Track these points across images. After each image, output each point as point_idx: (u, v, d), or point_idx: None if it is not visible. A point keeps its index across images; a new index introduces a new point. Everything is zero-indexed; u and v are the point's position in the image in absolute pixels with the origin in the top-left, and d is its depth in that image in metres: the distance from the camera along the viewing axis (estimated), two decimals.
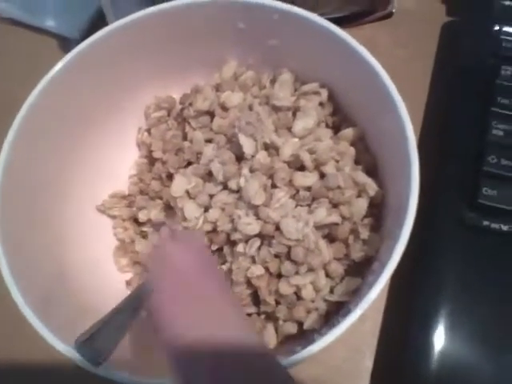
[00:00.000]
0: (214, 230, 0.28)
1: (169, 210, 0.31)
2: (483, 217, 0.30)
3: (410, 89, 0.36)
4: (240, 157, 0.28)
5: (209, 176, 0.29)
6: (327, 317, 0.26)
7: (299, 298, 0.26)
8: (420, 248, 0.30)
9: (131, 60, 0.31)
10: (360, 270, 0.26)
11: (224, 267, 0.28)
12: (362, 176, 0.27)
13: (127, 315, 0.24)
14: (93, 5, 0.38)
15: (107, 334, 0.23)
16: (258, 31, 0.30)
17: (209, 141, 0.31)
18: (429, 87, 0.37)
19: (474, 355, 0.26)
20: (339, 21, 0.27)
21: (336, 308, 0.26)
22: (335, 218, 0.26)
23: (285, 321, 0.27)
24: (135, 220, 0.33)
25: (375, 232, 0.27)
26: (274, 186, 0.27)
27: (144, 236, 0.32)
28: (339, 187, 0.26)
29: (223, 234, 0.28)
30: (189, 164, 0.31)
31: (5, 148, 0.26)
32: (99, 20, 0.28)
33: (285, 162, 0.27)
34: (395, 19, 0.39)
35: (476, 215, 0.30)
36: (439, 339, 0.27)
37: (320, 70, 0.31)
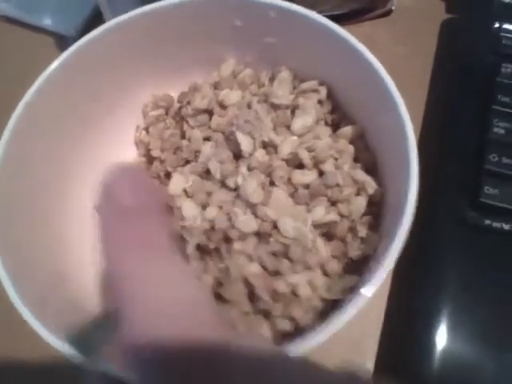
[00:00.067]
0: (212, 229, 0.28)
1: (166, 208, 0.31)
2: (485, 216, 0.29)
3: (410, 86, 0.36)
4: (238, 155, 0.28)
5: (207, 174, 0.29)
6: (323, 315, 0.26)
7: (296, 297, 0.26)
8: (420, 247, 0.30)
9: (128, 58, 0.31)
10: (358, 269, 0.26)
11: (221, 265, 0.27)
12: (361, 174, 0.27)
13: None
14: (90, 3, 0.38)
15: (100, 327, 0.23)
16: (256, 29, 0.30)
17: (207, 139, 0.31)
18: (428, 85, 0.37)
19: (476, 354, 0.26)
20: (338, 18, 0.27)
21: (332, 306, 0.26)
22: (334, 217, 0.26)
23: (281, 319, 0.26)
24: None
25: (374, 231, 0.26)
26: (272, 184, 0.27)
27: None
28: (338, 185, 0.26)
29: (221, 232, 0.27)
30: (187, 162, 0.31)
31: (1, 147, 0.26)
32: (96, 18, 0.28)
33: (283, 160, 0.27)
34: (394, 16, 0.38)
35: (477, 214, 0.29)
36: (441, 338, 0.26)
37: (319, 68, 0.31)
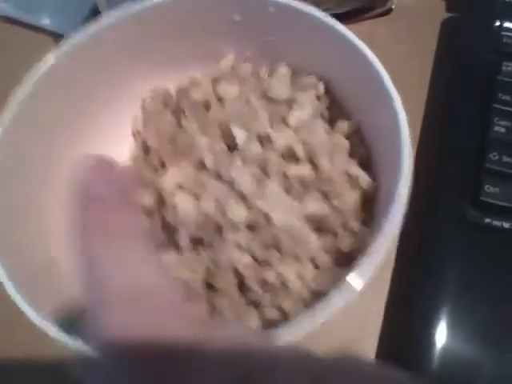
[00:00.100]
0: (205, 221, 0.28)
1: (161, 199, 0.31)
2: (485, 214, 0.29)
3: (410, 86, 0.36)
4: (233, 147, 0.28)
5: (202, 166, 0.29)
6: (312, 307, 0.26)
7: (285, 287, 0.26)
8: (420, 246, 0.30)
9: (126, 53, 0.31)
10: (348, 263, 0.26)
11: (213, 255, 0.27)
12: (356, 169, 0.27)
13: None
14: (88, 3, 0.38)
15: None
16: (255, 24, 0.30)
17: (204, 132, 0.31)
18: (429, 84, 0.37)
19: (476, 353, 0.26)
20: (338, 17, 0.27)
21: (321, 299, 0.26)
22: (326, 210, 0.26)
23: (269, 309, 0.26)
24: None
25: (366, 225, 0.26)
26: (267, 177, 0.27)
27: None
28: (332, 179, 0.26)
29: (214, 224, 0.27)
30: (183, 154, 0.31)
31: None
32: (95, 17, 0.29)
33: (278, 154, 0.27)
34: (394, 15, 0.38)
35: (478, 213, 0.29)
36: (440, 337, 0.26)
37: (317, 64, 0.31)
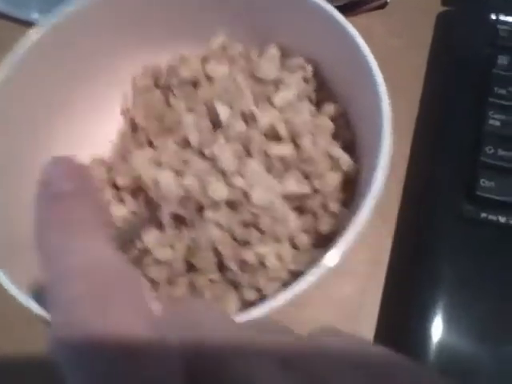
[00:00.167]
0: (187, 197, 0.28)
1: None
2: (481, 209, 0.29)
3: (405, 79, 0.36)
4: (218, 125, 0.28)
5: (186, 144, 0.29)
6: (288, 286, 0.26)
7: (263, 267, 0.26)
8: (417, 241, 0.30)
9: (118, 27, 0.31)
10: (327, 244, 0.26)
11: (193, 234, 0.27)
12: (337, 150, 0.27)
13: None
14: None
15: None
16: (246, 3, 0.30)
17: (191, 110, 0.31)
18: (424, 77, 0.37)
19: (473, 348, 0.26)
20: None
21: (299, 279, 0.26)
22: (305, 189, 0.26)
23: (247, 288, 0.26)
24: (113, 184, 0.32)
25: (346, 207, 0.26)
26: (249, 155, 0.27)
27: (121, 200, 0.32)
28: (312, 159, 0.26)
29: (195, 201, 0.27)
30: (169, 132, 0.31)
31: None
32: None
33: (261, 132, 0.27)
34: (390, 9, 0.38)
35: (473, 207, 0.29)
36: (437, 332, 0.26)
37: (308, 46, 0.31)
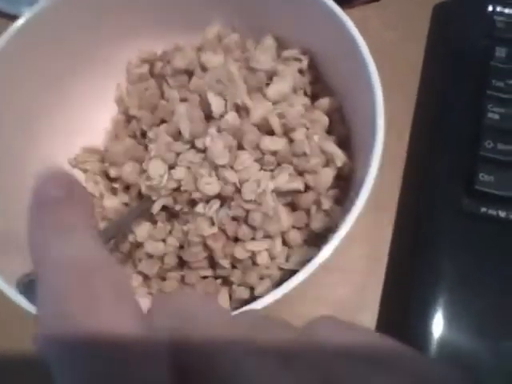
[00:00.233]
0: (179, 190, 0.27)
1: (140, 167, 0.30)
2: (480, 203, 0.29)
3: (402, 72, 0.35)
4: (210, 116, 0.27)
5: (179, 135, 0.29)
6: (280, 285, 0.25)
7: (254, 264, 0.26)
8: (416, 235, 0.30)
9: (113, 17, 0.31)
10: (319, 241, 0.25)
11: (185, 228, 0.27)
12: (331, 146, 0.26)
13: None
14: None
15: None
16: None
17: (185, 100, 0.30)
18: (421, 70, 0.36)
19: (473, 343, 0.26)
20: None
21: (290, 277, 0.25)
22: (297, 185, 0.25)
23: (238, 285, 0.26)
24: (107, 176, 0.32)
25: (339, 205, 0.26)
26: (242, 148, 0.26)
27: (114, 192, 0.32)
28: (305, 154, 0.25)
29: (186, 194, 0.27)
30: (163, 122, 0.31)
31: None
32: None
33: (254, 125, 0.27)
34: (385, 1, 0.37)
35: (473, 202, 0.29)
36: (437, 328, 0.26)
37: (304, 38, 0.30)
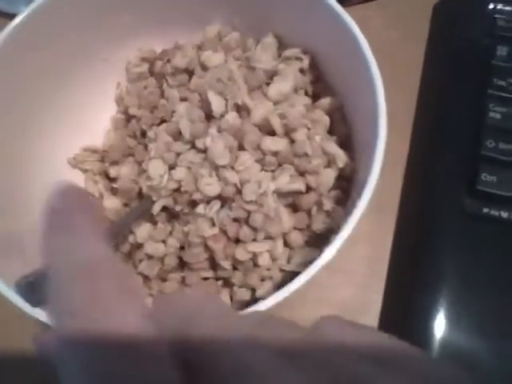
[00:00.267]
0: (179, 191, 0.27)
1: (139, 167, 0.30)
2: (483, 204, 0.28)
3: (402, 71, 0.35)
4: (211, 116, 0.27)
5: (179, 135, 0.28)
6: (282, 287, 0.25)
7: (255, 265, 0.26)
8: (419, 236, 0.29)
9: (112, 15, 0.30)
10: (321, 243, 0.25)
11: (185, 229, 0.27)
12: (333, 146, 0.26)
13: None
14: None
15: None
16: None
17: (185, 100, 0.30)
18: (422, 70, 0.36)
19: (474, 344, 0.26)
20: None
21: (292, 279, 0.25)
22: (298, 186, 0.25)
23: (239, 287, 0.26)
24: (106, 175, 0.32)
25: (341, 206, 0.26)
26: (242, 149, 0.26)
27: (114, 192, 0.31)
28: (306, 155, 0.25)
29: (187, 195, 0.27)
30: (163, 122, 0.30)
31: None
32: None
33: (255, 125, 0.26)
34: (385, 0, 0.37)
35: (475, 202, 0.28)
36: (439, 329, 0.26)
37: (305, 37, 0.29)
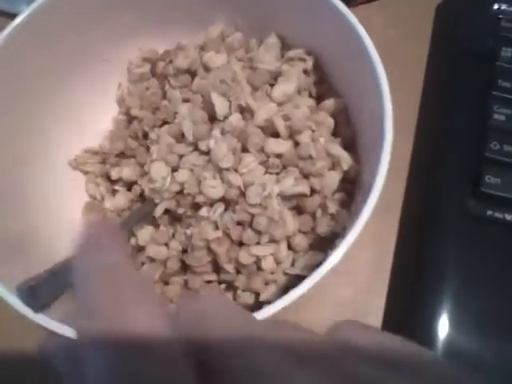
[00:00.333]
0: (182, 193, 0.27)
1: (141, 169, 0.30)
2: (487, 206, 0.28)
3: (405, 72, 0.34)
4: (214, 117, 0.27)
5: (182, 137, 0.28)
6: (286, 290, 0.25)
7: (259, 269, 0.25)
8: (423, 237, 0.29)
9: (114, 15, 0.30)
10: (325, 246, 0.25)
11: (188, 232, 0.27)
12: (338, 149, 0.26)
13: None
14: None
15: (54, 282, 0.22)
16: None
17: (187, 101, 0.30)
18: (425, 71, 0.36)
19: (477, 346, 0.26)
20: None
21: (296, 282, 0.25)
22: (302, 189, 0.25)
23: (243, 291, 0.26)
24: (108, 177, 0.32)
25: (346, 208, 0.26)
26: (246, 151, 0.26)
27: (115, 194, 0.31)
28: (311, 157, 0.25)
29: (190, 197, 0.27)
30: (165, 123, 0.30)
31: None
32: None
33: (259, 127, 0.26)
34: (388, 0, 0.37)
35: (479, 204, 0.28)
36: (443, 330, 0.26)
37: (309, 37, 0.29)
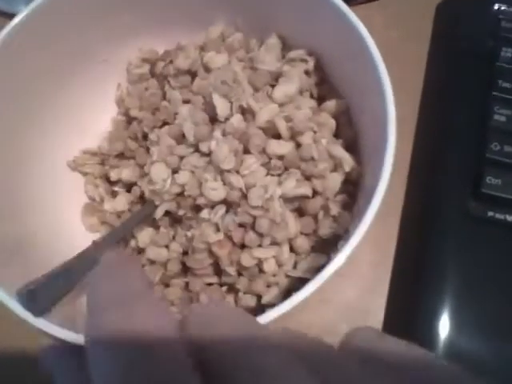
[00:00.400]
0: (182, 195, 0.27)
1: (141, 170, 0.30)
2: (488, 207, 0.28)
3: (405, 71, 0.34)
4: (215, 119, 0.27)
5: (182, 138, 0.28)
6: (288, 293, 0.25)
7: (261, 271, 0.25)
8: (423, 239, 0.29)
9: (113, 15, 0.30)
10: (327, 248, 0.25)
11: (189, 234, 0.27)
12: (340, 150, 0.26)
13: (78, 271, 0.23)
14: None
15: (54, 286, 0.22)
16: None
17: (187, 102, 0.29)
18: (425, 71, 0.36)
19: (478, 347, 0.26)
20: None
21: (298, 285, 0.25)
22: (304, 190, 0.25)
23: (245, 293, 0.26)
24: (107, 179, 0.31)
25: (348, 210, 0.25)
26: (247, 152, 0.26)
27: (114, 195, 0.31)
28: (313, 159, 0.25)
29: (190, 199, 0.26)
30: (165, 124, 0.30)
31: None
32: None
33: (260, 129, 0.26)
34: (387, 0, 0.37)
35: (480, 205, 0.28)
36: (443, 331, 0.26)
37: (310, 38, 0.29)
